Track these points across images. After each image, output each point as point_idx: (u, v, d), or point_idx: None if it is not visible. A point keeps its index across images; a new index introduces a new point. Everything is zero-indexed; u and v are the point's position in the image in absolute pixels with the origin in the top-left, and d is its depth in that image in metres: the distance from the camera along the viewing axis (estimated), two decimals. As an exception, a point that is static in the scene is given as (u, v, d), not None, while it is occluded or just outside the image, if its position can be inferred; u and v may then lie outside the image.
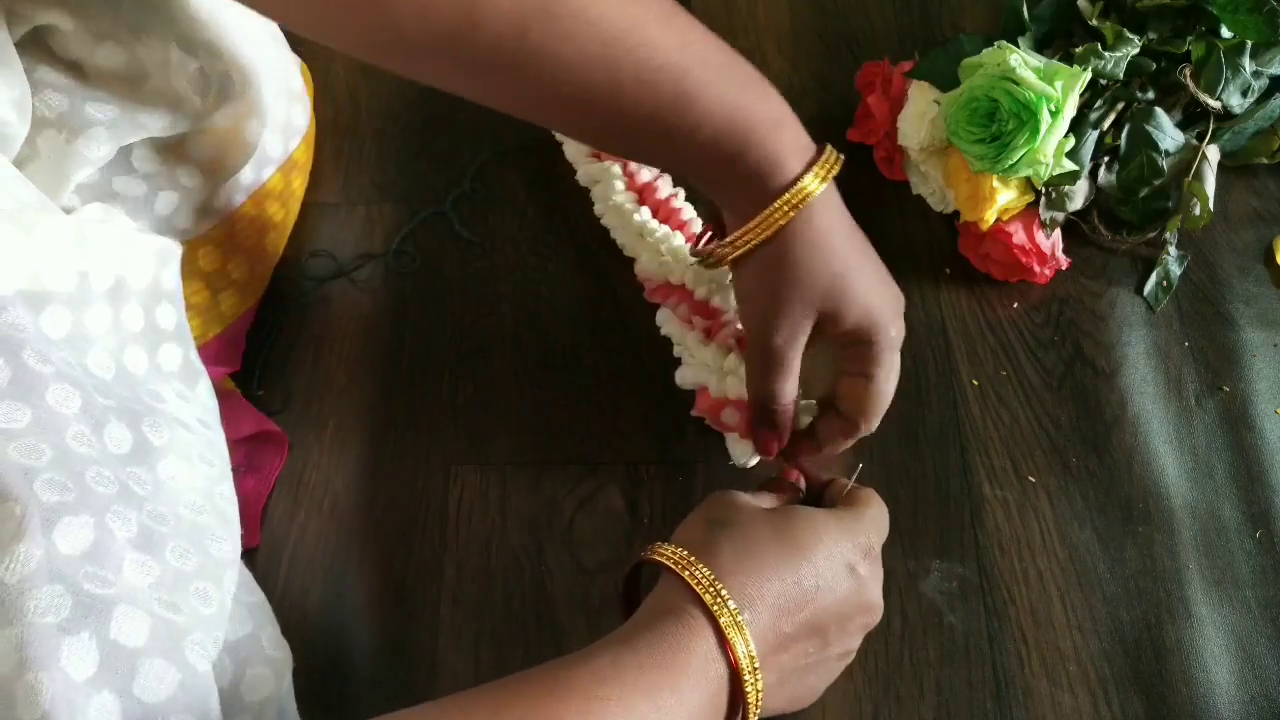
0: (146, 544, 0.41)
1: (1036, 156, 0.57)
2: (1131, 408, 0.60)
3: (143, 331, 0.49)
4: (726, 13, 0.74)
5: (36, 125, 0.49)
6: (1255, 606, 0.54)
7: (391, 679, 0.52)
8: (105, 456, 0.42)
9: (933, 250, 0.65)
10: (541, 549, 0.56)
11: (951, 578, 0.55)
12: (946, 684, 0.52)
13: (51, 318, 0.44)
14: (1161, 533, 0.56)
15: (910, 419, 0.59)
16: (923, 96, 0.62)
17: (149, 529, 0.42)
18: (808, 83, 0.71)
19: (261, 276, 0.62)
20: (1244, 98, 0.63)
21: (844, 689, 0.52)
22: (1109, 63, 0.61)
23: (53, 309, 0.44)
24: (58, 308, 0.44)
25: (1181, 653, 0.53)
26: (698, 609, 0.41)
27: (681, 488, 0.57)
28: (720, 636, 0.41)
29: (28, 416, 0.40)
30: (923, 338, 0.62)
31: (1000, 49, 0.59)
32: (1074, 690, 0.52)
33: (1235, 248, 0.65)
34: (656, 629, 0.41)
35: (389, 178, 0.68)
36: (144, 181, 0.53)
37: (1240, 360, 0.62)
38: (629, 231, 0.61)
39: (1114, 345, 0.62)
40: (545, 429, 0.59)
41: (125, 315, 0.48)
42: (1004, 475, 0.58)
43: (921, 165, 0.64)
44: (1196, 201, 0.62)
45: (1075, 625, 0.54)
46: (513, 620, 0.54)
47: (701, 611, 0.41)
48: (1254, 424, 0.60)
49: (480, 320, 0.63)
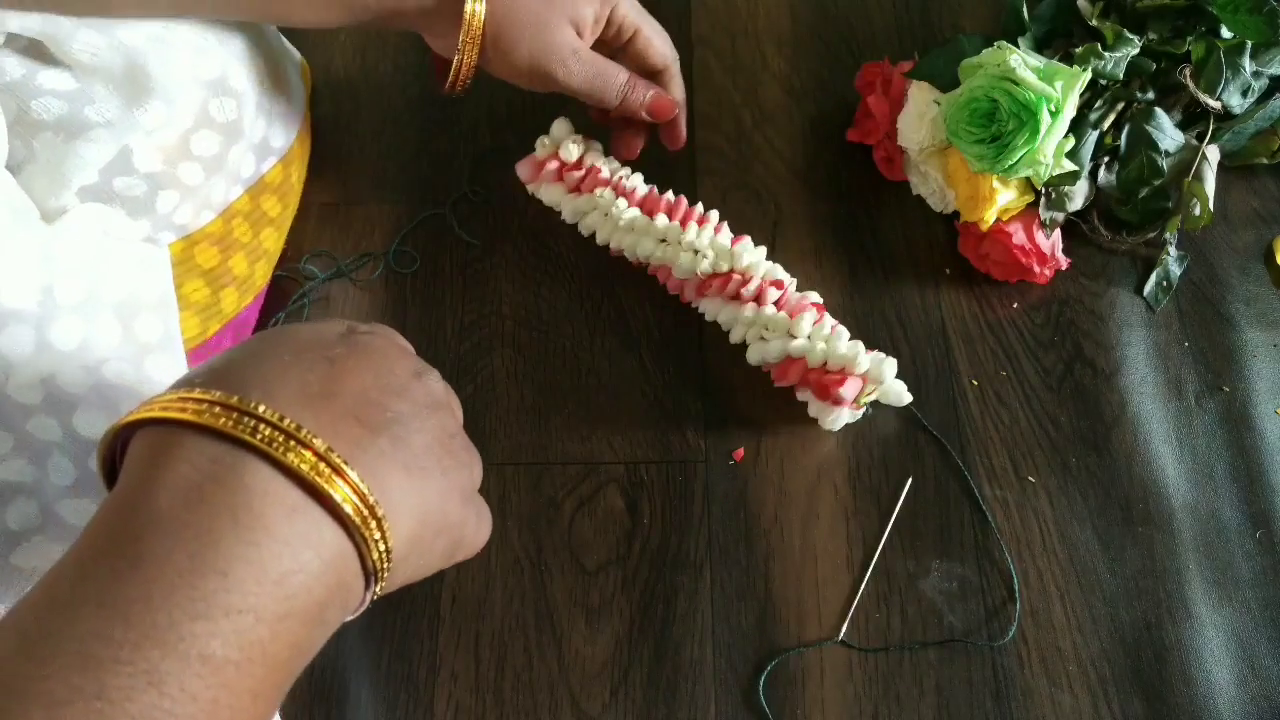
0: None
1: (1036, 157, 0.57)
2: (1131, 408, 0.60)
3: (120, 344, 0.48)
4: (727, 13, 0.74)
5: (33, 128, 0.49)
6: (1255, 606, 0.54)
7: (392, 679, 0.53)
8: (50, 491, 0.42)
9: (933, 250, 0.65)
10: (541, 549, 0.56)
11: (951, 578, 0.55)
12: (946, 684, 0.52)
13: (10, 338, 0.43)
14: (1161, 533, 0.56)
15: (910, 419, 0.59)
16: (922, 97, 0.62)
17: None
18: (808, 83, 0.71)
19: (261, 272, 0.62)
20: (1244, 98, 0.63)
21: (844, 689, 0.52)
22: (1109, 63, 0.61)
23: (12, 329, 0.43)
24: (18, 327, 0.43)
25: (1181, 653, 0.53)
26: (229, 448, 0.31)
27: (681, 488, 0.58)
28: (280, 466, 0.31)
29: None
30: (923, 338, 0.62)
31: (1000, 49, 0.59)
32: (1074, 690, 0.52)
33: (1235, 248, 0.65)
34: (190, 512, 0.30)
35: (389, 178, 0.68)
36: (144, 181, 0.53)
37: (1240, 360, 0.62)
38: (651, 242, 0.61)
39: (1114, 345, 0.62)
40: (545, 429, 0.59)
41: (99, 328, 0.47)
42: (1004, 475, 0.58)
43: (921, 165, 0.64)
44: (1196, 202, 0.62)
45: (1075, 625, 0.54)
46: (512, 620, 0.54)
47: (239, 449, 0.31)
48: (1254, 424, 0.60)
49: (480, 320, 0.63)
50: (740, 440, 0.59)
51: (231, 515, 0.29)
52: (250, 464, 0.30)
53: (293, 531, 0.30)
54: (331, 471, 0.31)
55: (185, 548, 0.29)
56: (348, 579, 0.32)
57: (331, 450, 0.31)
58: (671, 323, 0.62)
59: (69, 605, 0.28)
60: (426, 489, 0.34)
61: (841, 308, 0.63)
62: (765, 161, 0.68)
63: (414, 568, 0.35)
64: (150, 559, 0.28)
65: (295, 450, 0.31)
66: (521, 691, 0.53)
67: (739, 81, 0.71)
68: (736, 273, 0.59)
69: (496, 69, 0.57)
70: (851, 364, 0.55)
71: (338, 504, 0.31)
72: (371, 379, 0.35)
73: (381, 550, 0.32)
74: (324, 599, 0.31)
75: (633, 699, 0.52)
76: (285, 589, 0.30)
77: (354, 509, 0.31)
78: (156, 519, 0.29)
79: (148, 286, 0.50)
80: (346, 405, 0.33)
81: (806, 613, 0.54)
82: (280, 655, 0.30)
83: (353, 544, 0.32)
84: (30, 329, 0.44)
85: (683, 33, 0.73)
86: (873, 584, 0.55)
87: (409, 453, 0.34)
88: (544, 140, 0.64)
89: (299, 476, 0.31)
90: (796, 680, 0.53)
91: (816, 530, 0.56)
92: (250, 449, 0.31)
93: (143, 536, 0.29)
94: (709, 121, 0.70)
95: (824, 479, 0.58)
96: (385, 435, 0.34)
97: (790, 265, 0.61)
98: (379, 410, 0.34)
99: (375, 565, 0.32)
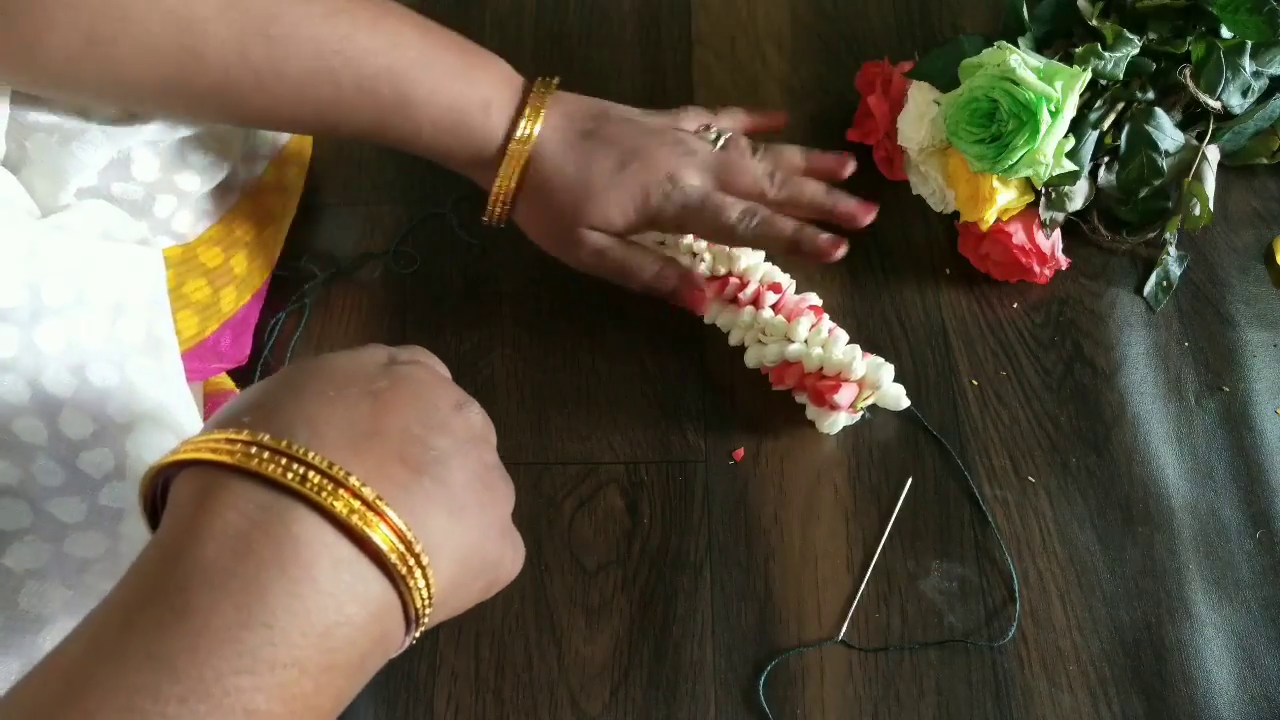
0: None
1: (1036, 157, 0.57)
2: (1131, 408, 0.60)
3: (103, 347, 0.47)
4: (726, 13, 0.74)
5: (26, 130, 0.49)
6: (1255, 606, 0.54)
7: (392, 677, 0.52)
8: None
9: (933, 250, 0.65)
10: (541, 549, 0.56)
11: (951, 578, 0.55)
12: (946, 684, 0.52)
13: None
14: (1161, 533, 0.56)
15: (910, 419, 0.59)
16: (922, 97, 0.62)
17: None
18: (808, 83, 0.71)
19: (260, 270, 0.62)
20: (1244, 98, 0.63)
21: (844, 689, 0.52)
22: (1109, 63, 0.61)
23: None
24: (3, 326, 0.43)
25: (1181, 653, 0.53)
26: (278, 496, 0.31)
27: (681, 488, 0.58)
28: (329, 516, 0.30)
29: None
30: (923, 338, 0.62)
31: (1000, 49, 0.59)
32: (1074, 690, 0.52)
33: (1235, 248, 0.65)
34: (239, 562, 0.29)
35: (389, 178, 0.68)
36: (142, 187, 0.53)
37: (1240, 360, 0.62)
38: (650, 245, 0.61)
39: (1114, 345, 0.62)
40: (545, 429, 0.59)
41: (86, 329, 0.46)
42: (1004, 475, 0.58)
43: (921, 165, 0.64)
44: (1196, 202, 0.62)
45: (1075, 625, 0.54)
46: (513, 620, 0.54)
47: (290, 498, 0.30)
48: (1254, 424, 0.60)
49: (480, 320, 0.63)
50: (740, 440, 0.59)
51: (279, 567, 0.29)
52: (297, 512, 0.30)
53: (339, 583, 0.30)
54: (378, 519, 0.31)
55: (232, 599, 0.28)
56: (390, 628, 0.32)
57: (380, 499, 0.31)
58: (671, 323, 0.62)
59: (115, 655, 0.28)
60: (467, 530, 0.34)
61: (841, 308, 0.63)
62: (765, 161, 0.68)
63: (450, 609, 0.35)
64: (196, 610, 0.28)
65: (343, 499, 0.30)
66: (521, 691, 0.53)
67: (739, 81, 0.71)
68: (734, 276, 0.59)
69: (523, 225, 0.58)
70: (848, 369, 0.55)
71: (384, 553, 0.31)
72: (414, 414, 0.35)
73: (425, 598, 0.32)
74: (367, 649, 0.31)
75: (633, 699, 0.53)
76: (330, 641, 0.30)
77: (399, 558, 0.31)
78: (203, 568, 0.29)
79: (138, 288, 0.49)
80: (391, 445, 0.33)
81: (806, 613, 0.54)
82: (323, 707, 0.30)
83: (396, 594, 0.32)
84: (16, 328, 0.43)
85: (683, 33, 0.73)
86: (873, 584, 0.55)
87: (451, 492, 0.34)
88: None
89: (346, 525, 0.30)
90: (796, 680, 0.53)
91: (816, 530, 0.56)
92: (298, 496, 0.30)
93: (189, 586, 0.29)
94: (709, 121, 0.70)
95: (824, 479, 0.58)
96: (428, 475, 0.33)
97: (790, 265, 0.61)
98: (422, 448, 0.34)
99: (418, 612, 0.32)
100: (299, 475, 0.30)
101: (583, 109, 0.56)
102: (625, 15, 0.74)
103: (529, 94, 0.54)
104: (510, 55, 0.56)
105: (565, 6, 0.74)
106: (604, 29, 0.73)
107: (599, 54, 0.72)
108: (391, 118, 0.52)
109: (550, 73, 0.56)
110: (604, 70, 0.71)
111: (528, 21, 0.74)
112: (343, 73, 0.49)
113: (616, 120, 0.56)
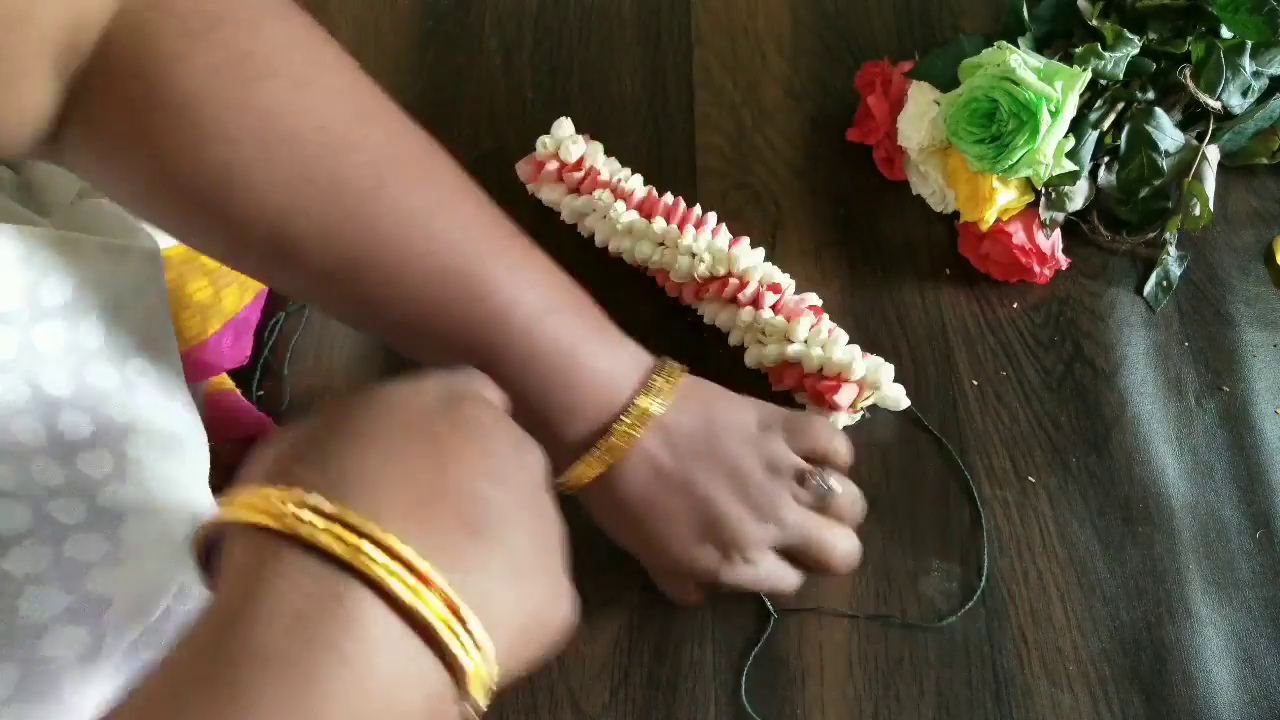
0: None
1: (1036, 157, 0.58)
2: (1131, 408, 0.60)
3: (101, 347, 0.47)
4: (726, 13, 0.74)
5: None
6: (1255, 606, 0.54)
7: (391, 679, 0.52)
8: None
9: (933, 250, 0.65)
10: (541, 549, 0.56)
11: (951, 578, 0.55)
12: (946, 684, 0.52)
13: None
14: (1161, 533, 0.56)
15: (910, 419, 0.59)
16: (922, 97, 0.62)
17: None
18: (808, 83, 0.71)
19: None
20: (1244, 98, 0.63)
21: (844, 689, 0.52)
22: (1109, 63, 0.61)
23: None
24: (2, 327, 0.43)
25: (1181, 653, 0.53)
26: (323, 566, 0.29)
27: (681, 488, 0.57)
28: (378, 588, 0.29)
29: None
30: (922, 338, 0.62)
31: (1000, 49, 0.59)
32: (1074, 690, 0.52)
33: (1235, 248, 0.65)
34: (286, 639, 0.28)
35: (389, 178, 0.68)
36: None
37: (1240, 360, 0.62)
38: (649, 245, 0.61)
39: (1114, 345, 0.62)
40: (545, 429, 0.59)
41: (84, 330, 0.46)
42: (1004, 475, 0.58)
43: (921, 165, 0.64)
44: (1196, 202, 0.62)
45: (1075, 625, 0.54)
46: (513, 620, 0.54)
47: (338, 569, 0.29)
48: (1254, 424, 0.60)
49: (480, 320, 0.63)
50: (740, 440, 0.59)
51: (334, 650, 0.28)
52: (355, 591, 0.29)
53: (394, 667, 0.29)
54: (441, 603, 0.30)
55: (285, 682, 0.27)
56: (442, 708, 0.31)
57: (435, 569, 0.30)
58: (671, 323, 0.62)
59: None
60: (527, 596, 0.33)
61: (841, 307, 0.63)
62: (765, 161, 0.68)
63: (501, 681, 0.33)
64: (247, 689, 0.27)
65: (399, 577, 0.29)
66: (521, 690, 0.53)
67: (739, 81, 0.71)
68: (734, 276, 0.59)
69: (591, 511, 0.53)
70: (847, 369, 0.55)
71: (442, 641, 0.30)
72: (476, 463, 0.33)
73: (483, 676, 0.31)
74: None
75: (633, 699, 0.52)
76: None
77: (459, 644, 0.30)
78: (255, 646, 0.28)
79: (138, 289, 0.49)
80: (451, 505, 0.32)
81: (806, 613, 0.54)
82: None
83: (452, 676, 0.30)
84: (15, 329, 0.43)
85: (683, 33, 0.73)
86: (873, 584, 0.55)
87: (513, 558, 0.32)
88: (545, 140, 0.64)
89: (404, 607, 0.29)
90: (796, 680, 0.53)
91: (816, 530, 0.56)
92: (353, 572, 0.29)
93: (239, 663, 0.27)
94: (709, 121, 0.70)
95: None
96: (488, 539, 0.32)
97: (790, 265, 0.61)
98: (484, 507, 0.32)
99: (472, 686, 0.31)
100: (354, 548, 0.29)
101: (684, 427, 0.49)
102: (625, 15, 0.74)
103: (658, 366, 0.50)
104: (510, 55, 0.56)
105: (565, 6, 0.74)
106: (604, 29, 0.73)
107: (599, 54, 0.72)
108: (503, 353, 0.46)
109: (550, 72, 0.56)
110: (604, 70, 0.71)
111: (528, 21, 0.73)
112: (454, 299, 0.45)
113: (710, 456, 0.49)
